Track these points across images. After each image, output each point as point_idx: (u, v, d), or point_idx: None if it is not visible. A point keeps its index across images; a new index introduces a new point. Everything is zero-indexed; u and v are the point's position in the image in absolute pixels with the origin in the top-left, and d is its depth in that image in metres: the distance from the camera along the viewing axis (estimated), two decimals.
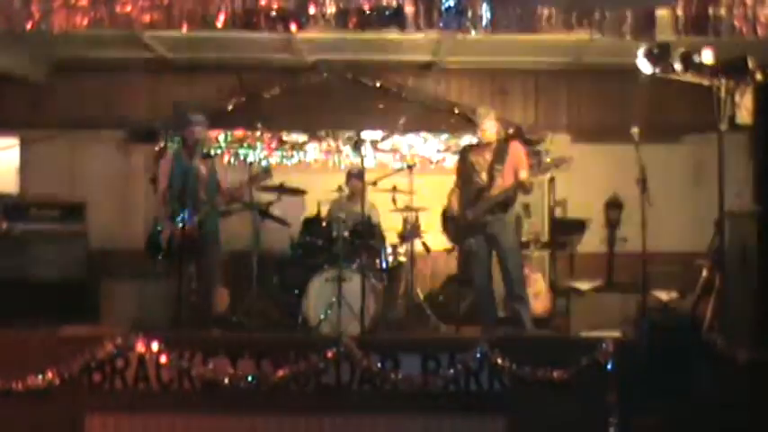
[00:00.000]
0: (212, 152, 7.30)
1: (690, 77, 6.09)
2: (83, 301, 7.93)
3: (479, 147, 7.25)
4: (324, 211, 8.39)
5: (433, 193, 8.24)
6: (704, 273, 6.56)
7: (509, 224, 7.15)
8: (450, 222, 7.37)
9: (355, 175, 8.33)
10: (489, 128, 7.12)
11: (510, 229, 7.16)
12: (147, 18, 6.54)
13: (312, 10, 6.48)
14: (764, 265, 5.92)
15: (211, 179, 7.06)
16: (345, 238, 7.68)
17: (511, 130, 9.06)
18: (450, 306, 8.23)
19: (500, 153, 7.07)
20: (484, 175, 7.06)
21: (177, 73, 9.76)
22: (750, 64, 5.93)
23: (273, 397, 5.65)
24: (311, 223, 8.15)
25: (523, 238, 8.48)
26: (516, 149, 7.15)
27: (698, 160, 9.00)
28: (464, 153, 7.46)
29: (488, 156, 7.09)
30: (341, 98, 9.66)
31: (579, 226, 9.22)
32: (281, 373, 5.62)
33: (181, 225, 6.75)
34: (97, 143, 9.60)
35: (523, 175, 6.93)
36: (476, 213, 7.03)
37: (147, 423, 5.76)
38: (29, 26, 6.59)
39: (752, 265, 6.01)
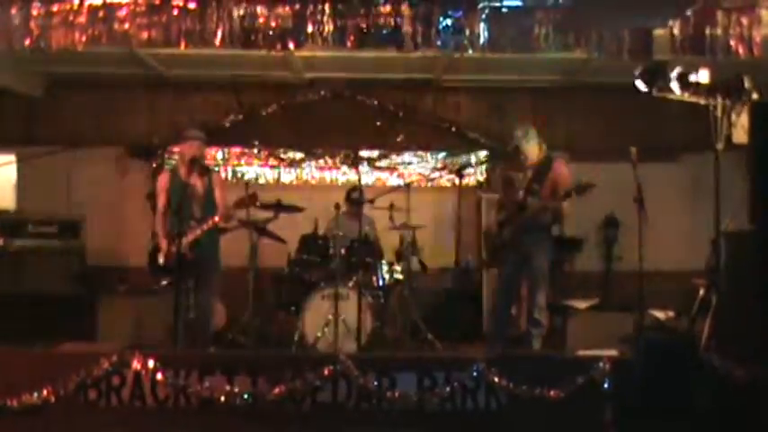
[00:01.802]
0: (209, 169, 7.26)
1: (686, 97, 6.10)
2: (79, 317, 7.91)
3: (518, 164, 7.07)
4: (321, 229, 8.39)
5: (431, 211, 8.23)
6: (701, 291, 6.54)
7: (544, 245, 7.02)
8: (487, 240, 7.33)
9: (355, 200, 8.31)
10: (530, 152, 6.97)
11: (544, 250, 7.01)
12: (144, 35, 6.54)
13: (310, 28, 6.48)
14: (760, 283, 5.91)
15: (208, 196, 7.05)
16: (342, 256, 7.68)
17: None
18: (446, 324, 8.22)
19: (541, 172, 6.95)
20: (522, 194, 6.95)
21: (175, 90, 9.80)
22: (746, 83, 5.95)
23: (269, 415, 5.61)
24: (308, 240, 8.15)
25: None
26: (559, 169, 6.99)
27: (695, 179, 9.02)
28: (503, 170, 7.39)
29: (529, 173, 6.99)
30: (338, 116, 9.70)
31: (575, 244, 9.22)
32: (277, 390, 5.58)
33: (178, 242, 6.74)
34: (94, 160, 9.61)
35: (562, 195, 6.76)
36: (512, 232, 6.96)
37: None
38: (27, 43, 6.60)
39: (748, 283, 6.00)
